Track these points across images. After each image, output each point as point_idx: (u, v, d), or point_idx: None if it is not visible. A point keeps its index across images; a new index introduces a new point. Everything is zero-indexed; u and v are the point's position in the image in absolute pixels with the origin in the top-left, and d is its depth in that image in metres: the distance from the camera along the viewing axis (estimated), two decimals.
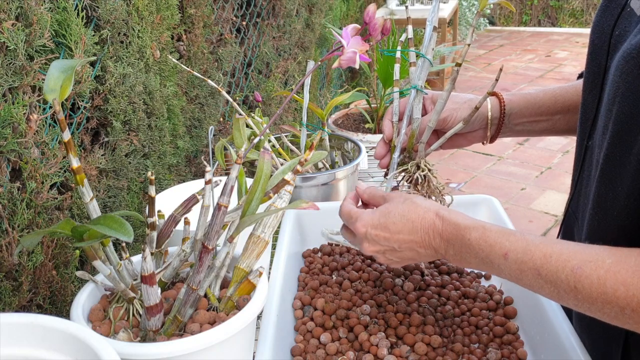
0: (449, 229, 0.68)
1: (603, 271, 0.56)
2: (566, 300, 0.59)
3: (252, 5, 1.87)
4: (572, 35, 6.94)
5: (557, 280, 0.59)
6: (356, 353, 0.78)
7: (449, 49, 2.83)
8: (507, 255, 0.63)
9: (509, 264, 0.63)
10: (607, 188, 0.64)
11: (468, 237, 0.66)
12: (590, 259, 0.57)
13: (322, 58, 0.73)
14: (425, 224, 0.69)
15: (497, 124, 0.89)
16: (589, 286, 0.56)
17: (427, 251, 0.71)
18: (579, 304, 0.58)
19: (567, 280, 0.58)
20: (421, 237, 0.70)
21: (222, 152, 0.93)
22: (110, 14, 1.05)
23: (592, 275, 0.56)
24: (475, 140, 0.91)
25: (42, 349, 0.58)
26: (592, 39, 0.72)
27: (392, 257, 0.74)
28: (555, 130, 0.90)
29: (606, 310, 0.56)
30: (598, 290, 0.56)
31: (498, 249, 0.63)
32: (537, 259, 0.60)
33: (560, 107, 0.87)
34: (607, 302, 0.55)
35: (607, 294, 0.55)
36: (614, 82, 0.62)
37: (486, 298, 0.88)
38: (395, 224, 0.71)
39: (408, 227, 0.70)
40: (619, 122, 0.60)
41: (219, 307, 0.71)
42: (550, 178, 3.55)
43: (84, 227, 0.60)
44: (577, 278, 0.57)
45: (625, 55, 0.60)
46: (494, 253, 0.64)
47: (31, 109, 0.89)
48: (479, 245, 0.65)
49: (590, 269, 0.57)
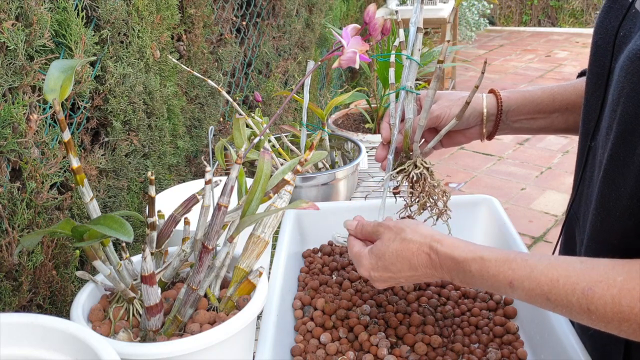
0: (447, 263, 0.67)
1: (616, 290, 0.55)
2: (580, 320, 0.58)
3: (252, 5, 1.87)
4: (572, 35, 6.94)
5: (568, 304, 0.57)
6: (356, 353, 0.78)
7: (449, 49, 2.83)
8: (512, 284, 0.61)
9: (516, 291, 0.62)
10: (610, 189, 0.63)
11: (469, 269, 0.65)
12: (599, 278, 0.56)
13: (322, 58, 0.73)
14: (422, 261, 0.69)
15: (495, 121, 0.89)
16: (602, 307, 0.55)
17: (434, 278, 0.71)
18: (593, 324, 0.57)
19: (579, 303, 0.56)
20: (423, 272, 0.70)
21: (222, 152, 0.93)
22: (110, 14, 1.06)
23: (606, 295, 0.55)
24: (474, 137, 0.91)
25: (42, 349, 0.58)
26: (595, 40, 0.72)
27: (399, 284, 0.76)
28: (553, 129, 0.90)
29: (624, 327, 0.55)
30: (613, 310, 0.55)
31: (502, 278, 0.62)
32: (544, 285, 0.59)
33: (559, 106, 0.87)
34: (625, 320, 0.54)
35: (624, 312, 0.54)
36: (619, 82, 0.62)
37: (486, 298, 0.88)
38: (394, 264, 0.71)
39: (407, 266, 0.70)
40: (623, 123, 0.60)
41: (219, 307, 0.71)
42: (550, 178, 3.55)
43: (84, 227, 0.60)
44: (589, 300, 0.56)
45: (631, 56, 0.60)
46: (499, 282, 0.63)
47: (31, 109, 0.89)
48: (481, 276, 0.64)
49: (602, 289, 0.55)
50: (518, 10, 7.61)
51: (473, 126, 0.90)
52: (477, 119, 0.89)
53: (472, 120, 0.88)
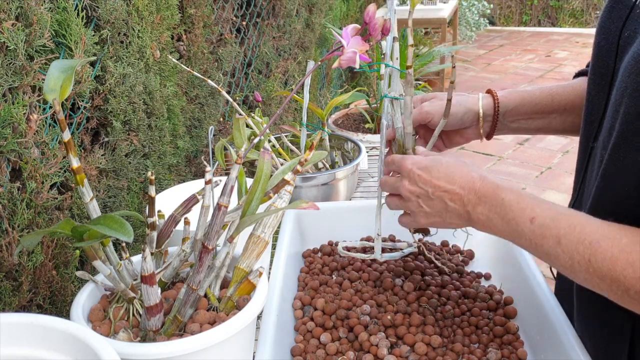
0: (486, 186, 0.70)
1: (617, 249, 0.57)
2: (578, 272, 0.60)
3: (252, 5, 1.87)
4: (572, 35, 6.94)
5: (574, 252, 0.60)
6: (356, 353, 0.78)
7: (449, 49, 2.83)
8: (534, 219, 0.64)
9: (533, 228, 0.64)
10: (613, 187, 0.64)
11: (502, 196, 0.68)
12: (609, 235, 0.59)
13: (322, 58, 0.73)
14: (465, 180, 0.72)
15: (492, 121, 0.89)
16: (601, 261, 0.58)
17: (456, 206, 0.72)
18: (589, 278, 0.59)
19: (584, 253, 0.59)
20: (454, 189, 0.72)
21: (222, 152, 0.93)
22: (110, 14, 1.05)
23: (607, 251, 0.58)
24: (472, 137, 0.92)
25: (42, 349, 0.58)
26: (597, 40, 0.72)
27: (422, 205, 0.76)
28: (550, 129, 0.90)
29: (613, 288, 0.57)
30: (609, 267, 0.57)
31: (529, 212, 0.65)
32: (562, 228, 0.62)
33: (557, 106, 0.88)
34: (615, 280, 0.57)
35: (617, 272, 0.56)
36: (622, 82, 0.62)
37: (486, 298, 0.88)
38: (439, 171, 0.74)
39: (448, 177, 0.73)
40: (626, 122, 0.61)
41: (219, 307, 0.71)
42: (550, 178, 3.55)
43: (84, 227, 0.60)
44: (593, 251, 0.58)
45: (636, 57, 0.60)
46: (523, 216, 0.65)
47: (31, 109, 0.89)
48: (510, 205, 0.67)
49: (607, 245, 0.58)
50: (518, 10, 7.61)
51: (469, 126, 0.90)
52: (472, 119, 0.89)
53: (467, 120, 0.89)
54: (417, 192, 0.76)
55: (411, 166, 0.76)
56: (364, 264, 0.96)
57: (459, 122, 0.88)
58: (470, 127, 0.90)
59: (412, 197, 0.76)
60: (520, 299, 0.85)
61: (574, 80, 0.89)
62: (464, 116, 0.88)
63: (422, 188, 0.75)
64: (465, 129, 0.90)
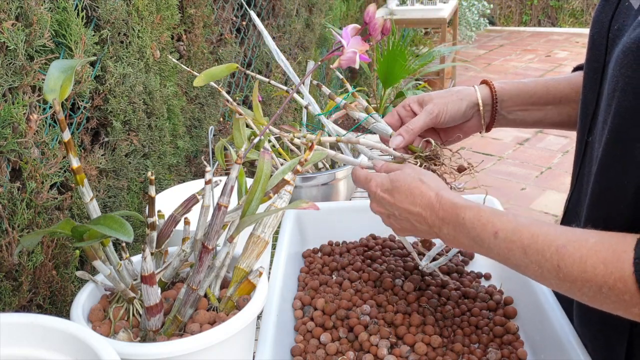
0: (445, 207, 0.70)
1: (585, 250, 0.57)
2: (549, 279, 0.61)
3: (252, 5, 1.87)
4: (572, 35, 6.94)
5: (542, 260, 0.60)
6: (356, 353, 0.78)
7: (449, 49, 2.83)
8: (497, 234, 0.64)
9: (498, 242, 0.64)
10: (610, 182, 0.64)
11: (462, 215, 0.68)
12: (575, 238, 0.59)
13: (322, 58, 0.73)
14: (424, 201, 0.72)
15: (491, 111, 0.89)
16: (571, 264, 0.58)
17: (422, 226, 0.73)
18: (560, 284, 0.60)
19: (552, 259, 0.59)
20: (418, 211, 0.72)
21: (222, 152, 0.93)
22: (110, 14, 1.06)
23: (575, 254, 0.58)
24: (472, 131, 0.92)
25: (42, 349, 0.58)
26: (591, 34, 0.73)
27: (393, 223, 0.78)
28: (547, 122, 0.90)
29: (585, 289, 0.57)
30: (579, 268, 0.57)
31: (490, 227, 0.65)
32: (525, 239, 0.62)
33: (552, 98, 0.88)
34: (587, 281, 0.57)
35: (587, 272, 0.56)
36: (614, 76, 0.62)
37: (486, 298, 0.88)
38: (400, 192, 0.74)
39: (409, 200, 0.73)
40: (619, 116, 0.61)
41: (219, 307, 0.71)
42: (550, 178, 3.55)
43: (84, 227, 0.60)
44: (560, 256, 0.58)
45: (625, 49, 0.60)
46: (486, 232, 0.66)
47: (31, 109, 0.89)
48: (472, 224, 0.67)
49: (573, 247, 0.58)
50: (518, 10, 7.61)
51: (470, 118, 0.90)
52: (473, 110, 0.89)
53: (469, 112, 0.89)
54: (386, 212, 0.77)
55: (375, 189, 0.77)
56: (364, 264, 0.96)
57: (463, 117, 0.88)
58: (471, 119, 0.90)
59: (384, 216, 0.78)
60: (520, 299, 0.85)
61: (570, 74, 0.89)
62: (466, 109, 0.88)
63: (389, 210, 0.76)
64: (466, 122, 0.90)
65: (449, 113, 0.85)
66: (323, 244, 1.03)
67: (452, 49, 2.89)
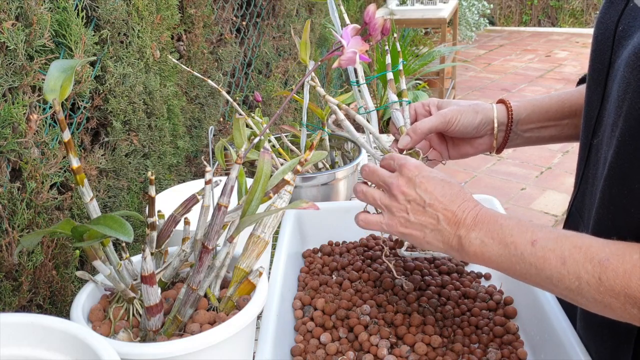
0: (486, 212, 0.68)
1: (630, 265, 0.56)
2: (586, 293, 0.59)
3: (252, 5, 1.87)
4: (572, 35, 6.94)
5: (581, 271, 0.58)
6: (356, 353, 0.78)
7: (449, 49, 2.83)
8: (535, 242, 0.63)
9: (535, 250, 0.62)
10: (621, 185, 0.63)
11: (501, 222, 0.66)
12: (617, 252, 0.57)
13: (322, 58, 0.73)
14: (466, 205, 0.69)
15: (505, 131, 0.88)
16: (613, 278, 0.56)
17: (448, 227, 0.68)
18: (599, 298, 0.58)
19: (593, 271, 0.57)
20: (455, 210, 0.68)
21: (222, 152, 0.93)
22: (110, 14, 1.06)
23: (619, 268, 0.56)
24: (482, 149, 0.90)
25: (42, 349, 0.58)
26: (595, 35, 0.72)
27: (408, 212, 0.70)
28: (563, 137, 0.89)
29: (627, 306, 0.56)
30: (622, 283, 0.55)
31: (529, 235, 0.63)
32: (566, 249, 0.60)
33: (568, 111, 0.87)
34: (630, 297, 0.55)
35: (631, 288, 0.55)
36: (624, 78, 0.61)
37: (486, 298, 0.88)
38: (444, 187, 0.70)
39: (451, 197, 0.69)
40: (631, 118, 0.60)
41: (219, 307, 0.71)
42: (550, 178, 3.55)
43: (84, 227, 0.60)
44: (602, 269, 0.57)
45: (636, 51, 0.59)
46: (524, 238, 0.63)
47: (31, 109, 0.89)
48: (510, 229, 0.65)
49: (617, 261, 0.57)
50: (518, 10, 7.61)
51: (483, 135, 0.88)
52: (487, 128, 0.88)
53: (482, 128, 0.87)
54: (412, 197, 0.70)
55: (417, 170, 0.71)
56: (364, 264, 0.96)
57: (474, 131, 0.86)
58: (483, 137, 0.89)
59: (402, 200, 0.71)
60: (520, 299, 0.85)
61: (581, 86, 0.88)
62: (480, 124, 0.86)
63: (420, 196, 0.69)
64: (477, 138, 0.89)
65: (462, 122, 0.85)
66: (323, 244, 1.03)
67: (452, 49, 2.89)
